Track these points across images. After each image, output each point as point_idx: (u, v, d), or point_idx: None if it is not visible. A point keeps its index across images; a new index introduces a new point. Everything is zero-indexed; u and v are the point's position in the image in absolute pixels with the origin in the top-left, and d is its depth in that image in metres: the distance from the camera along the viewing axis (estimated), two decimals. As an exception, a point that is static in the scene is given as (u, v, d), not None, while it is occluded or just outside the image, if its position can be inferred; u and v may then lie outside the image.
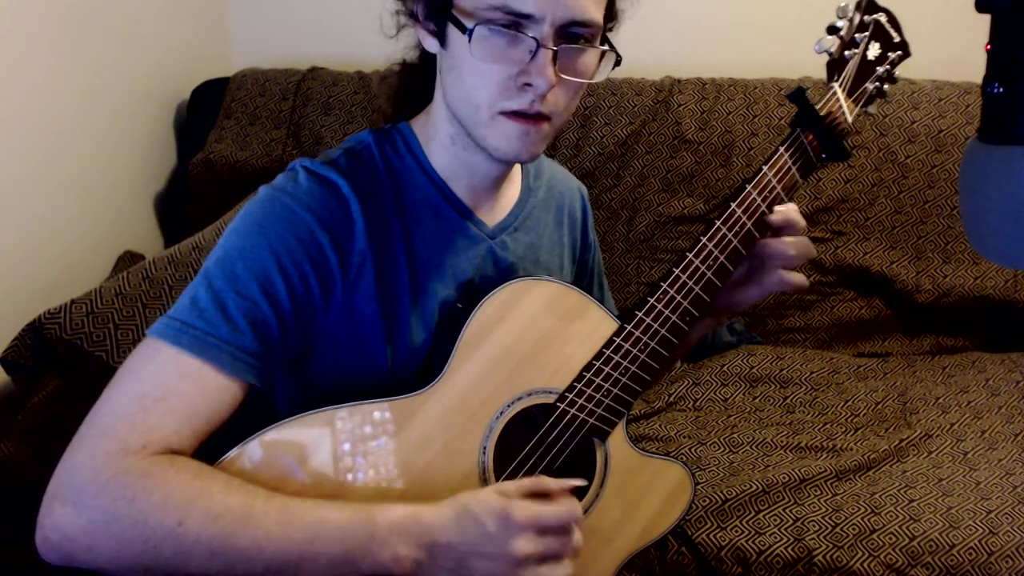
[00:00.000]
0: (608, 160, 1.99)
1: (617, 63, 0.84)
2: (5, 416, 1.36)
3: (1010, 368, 1.77)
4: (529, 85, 0.78)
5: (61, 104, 1.71)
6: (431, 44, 0.85)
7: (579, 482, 0.82)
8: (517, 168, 0.98)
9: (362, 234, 0.83)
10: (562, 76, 0.79)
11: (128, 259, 1.85)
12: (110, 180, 1.90)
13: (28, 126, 1.62)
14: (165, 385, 0.74)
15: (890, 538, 1.31)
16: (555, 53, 0.77)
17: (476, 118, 0.81)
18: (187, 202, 2.10)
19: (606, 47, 0.83)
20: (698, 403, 1.73)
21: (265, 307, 0.78)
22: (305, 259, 0.79)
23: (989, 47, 0.62)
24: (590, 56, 0.82)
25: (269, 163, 2.06)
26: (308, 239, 0.80)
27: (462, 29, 0.77)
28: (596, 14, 0.80)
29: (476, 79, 0.79)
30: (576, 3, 0.77)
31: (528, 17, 0.76)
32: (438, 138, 0.88)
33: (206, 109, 2.15)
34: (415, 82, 0.93)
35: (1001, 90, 0.61)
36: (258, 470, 0.77)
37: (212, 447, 0.78)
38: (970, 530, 1.31)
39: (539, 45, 0.76)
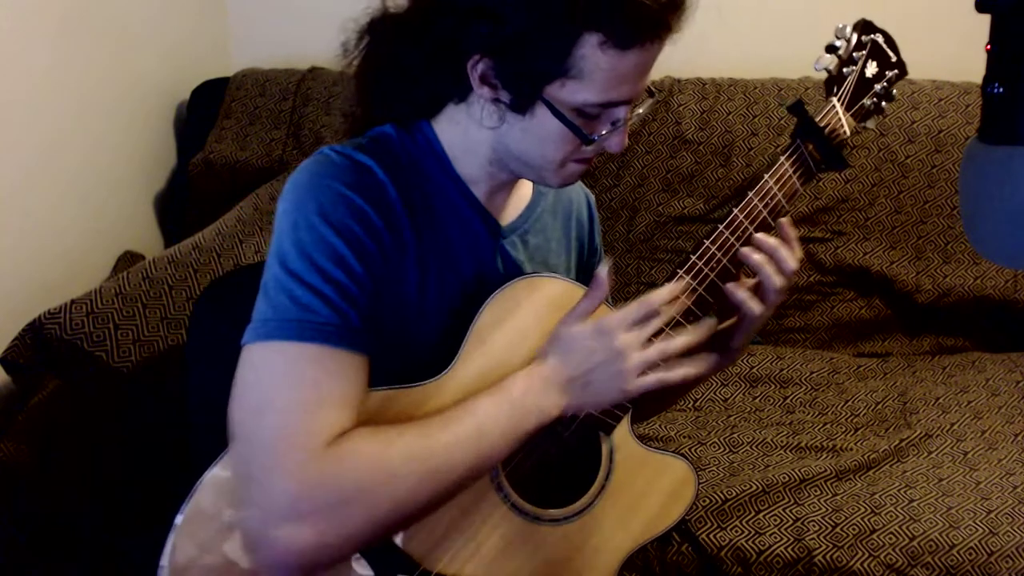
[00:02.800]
0: (608, 160, 2.00)
1: (655, 103, 0.94)
2: (5, 416, 1.36)
3: (1010, 368, 1.77)
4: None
5: (61, 104, 1.71)
6: (487, 94, 0.82)
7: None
8: None
9: (403, 215, 0.85)
10: None
11: (128, 259, 1.85)
12: (110, 180, 1.90)
13: (28, 126, 1.62)
14: (315, 383, 0.77)
15: (890, 538, 1.31)
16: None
17: (544, 168, 0.86)
18: (187, 202, 2.10)
19: (652, 95, 0.89)
20: (698, 403, 1.73)
21: (352, 288, 0.80)
22: (367, 238, 0.81)
23: (989, 47, 0.62)
24: None
25: (269, 163, 2.06)
26: (365, 220, 0.81)
27: (574, 129, 0.81)
28: None
29: (558, 147, 0.83)
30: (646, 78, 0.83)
31: (622, 102, 0.82)
32: (472, 153, 0.89)
33: (206, 109, 2.15)
34: (389, 84, 0.91)
35: (1001, 90, 0.61)
36: None
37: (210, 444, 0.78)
38: (970, 530, 1.31)
39: (624, 120, 0.83)
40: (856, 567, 1.27)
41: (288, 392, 0.76)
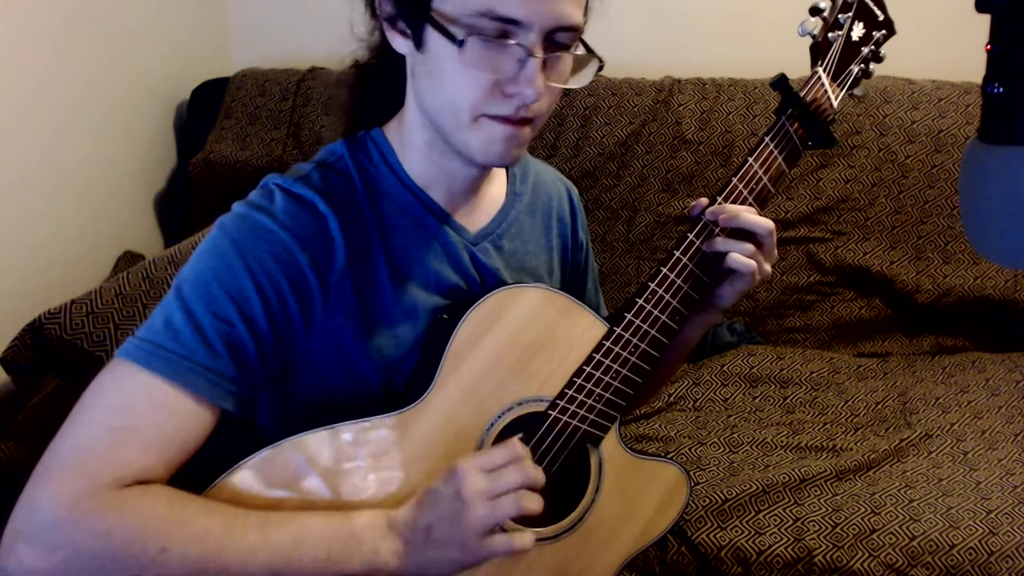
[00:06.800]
0: (608, 160, 1.99)
1: (600, 68, 0.82)
2: (5, 416, 1.36)
3: (1010, 368, 1.77)
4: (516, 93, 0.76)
5: (61, 104, 1.71)
6: (401, 45, 0.81)
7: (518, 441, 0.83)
8: (497, 170, 0.95)
9: (341, 251, 0.80)
10: (550, 84, 0.77)
11: (128, 259, 1.86)
12: (110, 180, 1.90)
13: (28, 126, 1.62)
14: (136, 415, 0.72)
15: (890, 538, 1.31)
16: (544, 62, 0.75)
17: (457, 122, 0.78)
18: (187, 202, 2.10)
19: (594, 56, 0.81)
20: (698, 403, 1.73)
21: (243, 329, 0.75)
22: (284, 280, 0.77)
23: (989, 47, 0.62)
24: (571, 59, 0.80)
25: (269, 163, 2.06)
26: (287, 259, 0.78)
27: (450, 38, 0.74)
28: (579, 17, 0.77)
29: (460, 85, 0.76)
30: (562, 8, 0.74)
31: (516, 24, 0.73)
32: (413, 145, 0.86)
33: (206, 109, 2.15)
34: (375, 85, 0.90)
35: (1001, 90, 0.61)
36: (246, 497, 0.76)
37: (190, 468, 0.77)
38: (970, 530, 1.31)
39: (529, 54, 0.74)
40: (856, 567, 1.27)
41: (105, 414, 0.72)
